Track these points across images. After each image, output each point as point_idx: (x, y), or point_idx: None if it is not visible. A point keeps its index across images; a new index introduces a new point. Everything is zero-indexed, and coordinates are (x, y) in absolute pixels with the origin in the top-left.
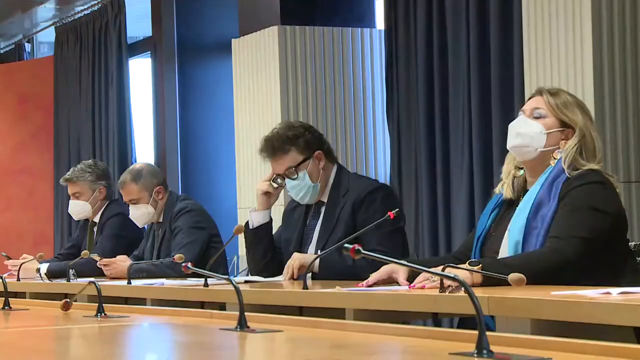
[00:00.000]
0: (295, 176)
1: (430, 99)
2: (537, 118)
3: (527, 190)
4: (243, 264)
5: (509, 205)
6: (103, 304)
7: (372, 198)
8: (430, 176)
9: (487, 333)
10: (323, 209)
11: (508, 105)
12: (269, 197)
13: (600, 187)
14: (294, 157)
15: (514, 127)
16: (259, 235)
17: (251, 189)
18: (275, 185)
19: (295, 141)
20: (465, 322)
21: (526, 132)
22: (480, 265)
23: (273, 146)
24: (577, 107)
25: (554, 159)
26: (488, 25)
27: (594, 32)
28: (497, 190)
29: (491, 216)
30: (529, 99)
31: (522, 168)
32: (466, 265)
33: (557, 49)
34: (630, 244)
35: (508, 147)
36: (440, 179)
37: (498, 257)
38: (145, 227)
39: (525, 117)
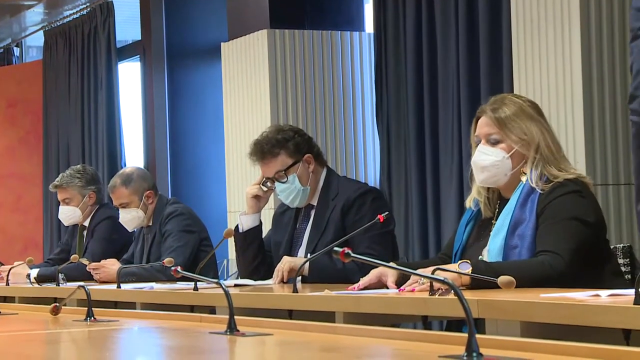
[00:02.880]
0: (285, 179)
1: (420, 102)
2: (493, 144)
3: (504, 199)
4: (233, 267)
5: (484, 218)
6: (92, 308)
7: (362, 201)
8: (420, 179)
9: (477, 335)
10: (313, 212)
11: None
12: (259, 200)
13: (577, 195)
14: (283, 160)
15: (477, 163)
16: (248, 239)
17: (241, 193)
18: (264, 188)
19: (284, 144)
20: (451, 324)
21: (491, 164)
22: (470, 268)
23: (262, 150)
24: (525, 116)
25: (524, 173)
26: (477, 28)
27: (583, 38)
28: (467, 204)
29: (467, 229)
30: (475, 119)
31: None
32: (456, 267)
33: (546, 53)
34: (618, 245)
35: (478, 183)
36: (429, 182)
37: None
38: (135, 230)
39: (483, 146)
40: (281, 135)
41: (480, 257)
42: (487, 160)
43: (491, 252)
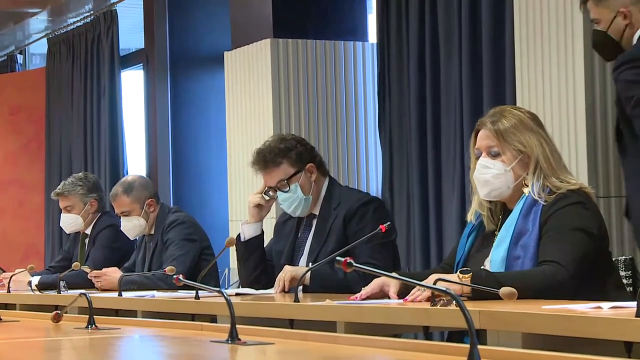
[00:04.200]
0: (287, 189)
1: (422, 112)
2: (494, 156)
3: (508, 210)
4: (234, 276)
5: (486, 230)
6: (94, 316)
7: (364, 211)
8: (422, 189)
9: (479, 346)
10: (314, 222)
11: None
12: (261, 209)
13: (581, 207)
14: (285, 169)
15: (479, 178)
16: (250, 248)
17: (243, 202)
18: (267, 197)
19: (287, 154)
20: (452, 335)
21: (493, 178)
22: (471, 274)
23: (265, 159)
24: (524, 128)
25: (526, 185)
26: (480, 38)
27: (586, 48)
28: (469, 218)
29: (469, 240)
30: (475, 132)
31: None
32: (457, 275)
33: (549, 63)
34: (620, 257)
35: (481, 197)
36: (431, 192)
37: None
38: (137, 239)
39: (484, 159)
40: (284, 145)
41: (482, 267)
42: (489, 174)
43: (494, 262)
